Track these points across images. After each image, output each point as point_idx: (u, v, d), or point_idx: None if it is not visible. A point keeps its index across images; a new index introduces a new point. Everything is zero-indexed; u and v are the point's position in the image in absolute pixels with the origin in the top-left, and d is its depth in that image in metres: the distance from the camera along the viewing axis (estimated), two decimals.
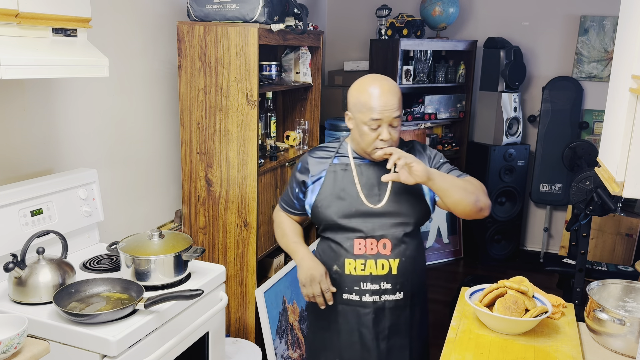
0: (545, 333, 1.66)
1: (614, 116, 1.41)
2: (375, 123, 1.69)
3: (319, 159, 1.87)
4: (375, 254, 1.77)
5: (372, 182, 1.80)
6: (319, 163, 1.87)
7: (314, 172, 1.86)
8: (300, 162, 1.91)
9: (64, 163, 2.25)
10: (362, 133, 1.73)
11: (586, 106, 4.39)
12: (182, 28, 2.61)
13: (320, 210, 1.82)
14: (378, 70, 4.21)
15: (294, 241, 1.91)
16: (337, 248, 1.82)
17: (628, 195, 1.23)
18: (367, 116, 1.69)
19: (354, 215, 1.78)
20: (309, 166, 1.88)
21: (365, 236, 1.78)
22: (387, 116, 1.69)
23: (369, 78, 1.76)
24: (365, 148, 1.76)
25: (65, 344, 1.57)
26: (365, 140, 1.73)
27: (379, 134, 1.71)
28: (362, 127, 1.72)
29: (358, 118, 1.73)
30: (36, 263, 1.71)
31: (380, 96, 1.69)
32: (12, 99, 2.00)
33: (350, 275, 1.79)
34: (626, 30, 1.41)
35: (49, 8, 1.66)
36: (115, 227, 2.49)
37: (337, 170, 1.83)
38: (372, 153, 1.75)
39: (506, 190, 4.41)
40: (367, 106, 1.69)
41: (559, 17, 4.36)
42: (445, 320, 1.80)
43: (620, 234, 3.90)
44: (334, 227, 1.81)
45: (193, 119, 2.69)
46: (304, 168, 1.89)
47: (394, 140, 1.74)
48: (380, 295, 1.78)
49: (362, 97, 1.71)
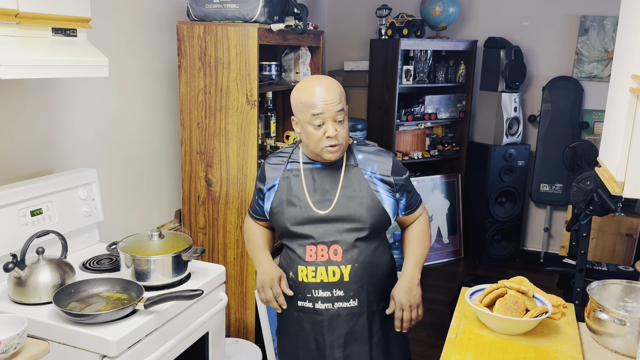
0: (545, 333, 1.66)
1: (614, 116, 1.41)
2: (318, 119, 1.65)
3: (275, 165, 1.85)
4: (325, 260, 1.73)
5: (324, 187, 1.76)
6: (273, 169, 1.84)
7: (269, 179, 1.83)
8: (260, 170, 1.89)
9: (64, 163, 2.25)
10: (308, 134, 1.69)
11: (586, 106, 4.39)
12: (182, 28, 2.61)
13: (275, 217, 1.80)
14: (378, 70, 4.21)
15: (257, 246, 1.89)
16: (292, 255, 1.79)
17: (628, 195, 1.23)
18: (309, 114, 1.66)
19: (305, 221, 1.74)
20: (265, 173, 1.85)
21: (316, 242, 1.73)
22: (329, 110, 1.65)
23: (308, 78, 1.75)
24: (314, 149, 1.71)
25: (65, 344, 1.57)
26: (312, 141, 1.69)
27: (324, 131, 1.67)
28: (307, 127, 1.68)
29: (302, 119, 1.70)
30: (36, 263, 1.71)
31: (319, 92, 1.66)
32: (12, 99, 2.00)
33: (303, 283, 1.75)
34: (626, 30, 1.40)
35: (48, 8, 1.66)
36: (115, 227, 2.49)
37: (290, 177, 1.80)
38: (322, 154, 1.71)
39: (506, 190, 4.41)
40: (307, 104, 1.66)
41: (559, 17, 4.35)
42: (446, 321, 1.80)
43: (621, 234, 3.89)
44: (289, 234, 1.78)
45: (193, 119, 2.69)
46: (261, 175, 1.87)
47: (343, 137, 1.70)
48: (333, 303, 1.74)
49: (302, 97, 1.68)
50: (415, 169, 4.59)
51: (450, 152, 4.54)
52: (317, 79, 1.72)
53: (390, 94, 4.10)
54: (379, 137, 4.21)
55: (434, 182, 4.47)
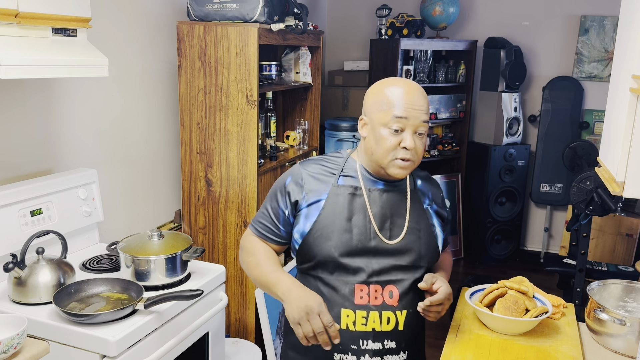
0: (545, 333, 1.66)
1: (615, 116, 1.40)
2: (399, 124, 1.37)
3: (318, 175, 1.49)
4: (380, 304, 1.42)
5: (384, 213, 1.45)
6: (317, 181, 1.48)
7: (310, 192, 1.46)
8: (291, 176, 1.51)
9: (64, 163, 2.25)
10: (379, 138, 1.40)
11: (586, 106, 4.39)
12: (182, 28, 2.61)
13: (315, 242, 1.43)
14: (378, 70, 4.21)
15: (272, 270, 1.47)
16: (330, 294, 1.43)
17: (628, 195, 1.23)
18: (389, 115, 1.38)
19: (359, 252, 1.42)
20: (304, 183, 1.48)
21: (368, 281, 1.42)
22: (415, 117, 1.38)
23: (393, 79, 1.46)
24: (381, 158, 1.41)
25: (65, 344, 1.57)
26: (382, 147, 1.39)
27: (400, 139, 1.38)
28: (381, 130, 1.39)
29: (376, 119, 1.41)
30: (36, 263, 1.71)
31: (407, 93, 1.39)
32: (12, 99, 2.00)
33: (348, 331, 1.41)
34: (626, 30, 1.40)
35: (48, 8, 1.66)
36: (115, 227, 2.49)
37: (343, 194, 1.45)
38: (388, 166, 1.41)
39: (506, 190, 4.41)
40: (389, 103, 1.38)
41: (559, 17, 4.35)
42: (446, 321, 1.79)
43: (621, 234, 3.89)
44: (330, 266, 1.43)
45: (193, 119, 2.69)
46: (296, 184, 1.48)
47: (419, 154, 1.42)
48: (382, 357, 1.43)
49: (384, 95, 1.40)
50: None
51: (450, 152, 4.54)
52: (407, 80, 1.45)
53: None
54: None
55: None
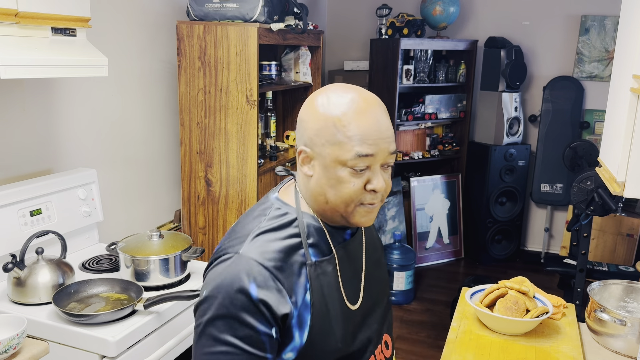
0: (546, 333, 1.66)
1: (615, 116, 1.40)
2: (364, 162, 1.00)
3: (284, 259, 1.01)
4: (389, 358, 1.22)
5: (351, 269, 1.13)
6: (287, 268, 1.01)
7: (292, 289, 1.01)
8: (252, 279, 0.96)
9: (63, 163, 2.24)
10: (336, 181, 1.01)
11: (587, 106, 4.38)
12: (182, 27, 2.61)
13: (316, 347, 1.04)
14: (378, 69, 4.20)
15: None
16: None
17: (629, 196, 1.23)
18: (349, 151, 0.99)
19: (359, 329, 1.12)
20: (279, 280, 0.99)
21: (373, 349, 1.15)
22: (383, 150, 1.01)
23: (339, 89, 1.04)
24: (342, 207, 1.04)
25: (64, 344, 1.57)
26: (343, 194, 1.02)
27: (366, 180, 1.02)
28: (339, 171, 1.01)
29: (329, 157, 1.01)
30: (35, 263, 1.71)
31: (369, 116, 1.01)
32: (12, 99, 2.00)
33: None
34: (627, 30, 1.40)
35: (48, 8, 1.65)
36: (115, 227, 2.49)
37: (325, 271, 1.06)
38: (351, 215, 1.05)
39: (507, 190, 4.41)
40: (347, 133, 0.99)
41: (559, 16, 4.35)
42: (446, 321, 1.79)
43: (621, 234, 3.89)
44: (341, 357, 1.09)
45: (192, 119, 2.68)
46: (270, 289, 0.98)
47: (388, 190, 1.06)
48: None
49: (336, 121, 1.00)
50: (415, 169, 4.58)
51: (450, 152, 4.54)
52: (359, 93, 1.04)
53: (391, 94, 4.09)
54: None
55: (435, 182, 4.47)
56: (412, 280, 3.73)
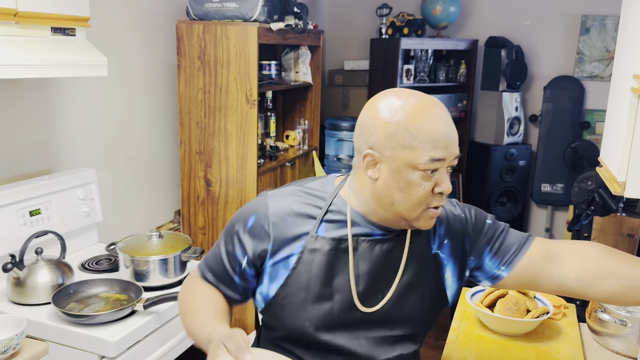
0: (546, 334, 1.66)
1: (616, 116, 1.40)
2: (436, 166, 1.03)
3: (291, 218, 1.11)
4: None
5: (376, 270, 1.11)
6: (289, 226, 1.10)
7: (278, 242, 1.10)
8: (255, 215, 1.12)
9: (63, 163, 2.24)
10: (407, 184, 1.03)
11: (588, 106, 4.38)
12: (181, 27, 2.60)
13: (283, 312, 1.09)
14: (378, 69, 4.20)
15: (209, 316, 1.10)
16: None
17: (630, 196, 1.22)
18: (422, 155, 1.01)
19: (343, 325, 1.10)
20: (271, 229, 1.10)
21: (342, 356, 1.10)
22: (452, 153, 1.05)
23: (404, 93, 1.06)
24: (410, 211, 1.06)
25: (63, 344, 1.57)
26: (413, 197, 1.04)
27: (435, 183, 1.04)
28: (411, 175, 1.03)
29: (400, 160, 1.02)
30: (35, 263, 1.70)
31: (440, 120, 1.03)
32: (11, 98, 2.00)
33: None
34: (627, 30, 1.40)
35: (47, 7, 1.65)
36: (114, 227, 2.49)
37: (323, 248, 1.09)
38: (418, 219, 1.07)
39: (507, 190, 4.40)
40: (421, 138, 1.01)
41: (560, 16, 4.35)
42: (446, 321, 1.78)
43: (622, 235, 3.88)
44: (304, 343, 1.11)
45: (192, 119, 2.68)
46: (261, 229, 1.10)
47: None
48: None
49: (407, 125, 1.02)
50: None
51: None
52: (428, 98, 1.07)
53: None
54: None
55: None
56: None
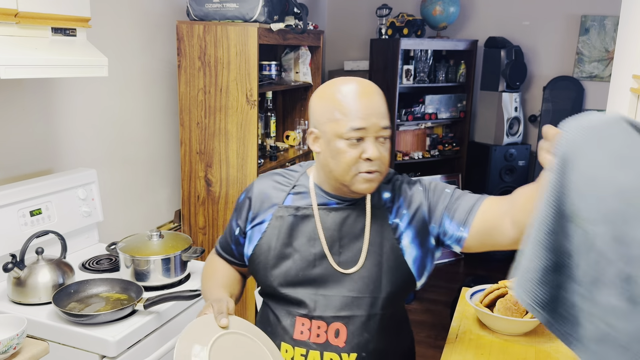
0: (546, 334, 1.66)
1: None
2: (357, 134, 1.19)
3: (268, 192, 1.35)
4: (322, 343, 1.25)
5: (337, 236, 1.28)
6: (266, 199, 1.35)
7: (257, 212, 1.35)
8: (245, 192, 1.41)
9: (63, 163, 2.24)
10: (337, 153, 1.21)
11: (587, 106, 4.38)
12: (182, 27, 2.61)
13: (257, 269, 1.33)
14: (378, 69, 4.21)
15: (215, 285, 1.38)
16: (274, 323, 1.31)
17: None
18: (344, 125, 1.19)
19: (302, 282, 1.27)
20: (253, 201, 1.36)
21: (310, 315, 1.26)
22: (374, 124, 1.19)
23: (341, 79, 1.26)
24: (342, 175, 1.22)
25: (64, 344, 1.57)
26: (342, 163, 1.21)
27: (361, 151, 1.20)
28: (337, 143, 1.20)
29: (330, 132, 1.21)
30: (35, 263, 1.70)
31: (362, 96, 1.20)
32: (12, 98, 2.00)
33: None
34: (627, 30, 1.40)
35: (48, 7, 1.65)
36: (115, 227, 2.49)
37: (287, 215, 1.30)
38: (353, 183, 1.23)
39: (507, 190, 4.41)
40: (342, 111, 1.19)
41: (559, 16, 4.35)
42: (446, 321, 1.79)
43: None
44: (273, 295, 1.32)
45: (192, 119, 2.68)
46: (248, 201, 1.38)
47: (385, 163, 1.24)
48: None
49: (335, 101, 1.21)
50: (415, 169, 4.58)
51: (450, 152, 4.54)
52: (357, 80, 1.24)
53: (391, 94, 4.09)
54: None
55: None
56: None
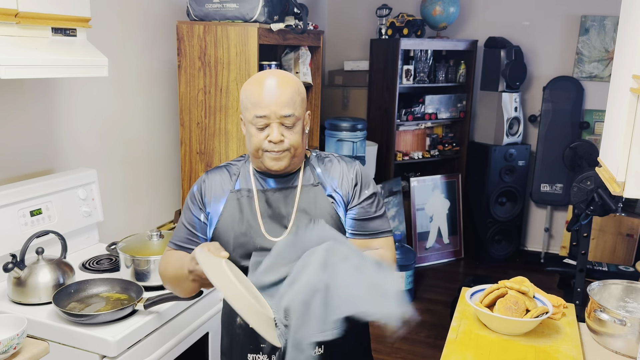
0: (545, 333, 1.66)
1: (615, 116, 1.40)
2: (261, 121, 1.38)
3: (219, 182, 1.51)
4: None
5: (278, 212, 1.45)
6: (218, 188, 1.50)
7: (211, 200, 1.49)
8: (196, 185, 1.53)
9: (64, 163, 2.24)
10: (249, 136, 1.41)
11: (587, 106, 4.38)
12: (182, 28, 2.61)
13: (221, 242, 1.45)
14: (378, 70, 4.20)
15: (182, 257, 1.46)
16: None
17: (629, 196, 1.23)
18: (252, 113, 1.39)
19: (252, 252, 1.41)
20: (206, 192, 1.50)
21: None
22: (274, 112, 1.37)
23: (262, 72, 1.47)
24: (254, 154, 1.43)
25: (64, 344, 1.57)
26: (252, 144, 1.41)
27: (267, 134, 1.39)
28: (249, 128, 1.41)
29: (245, 119, 1.42)
30: (35, 263, 1.71)
31: (267, 89, 1.38)
32: (12, 99, 2.00)
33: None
34: (627, 30, 1.40)
35: (48, 8, 1.66)
36: (115, 227, 2.49)
37: (239, 197, 1.47)
38: (263, 160, 1.42)
39: (507, 190, 4.41)
40: (252, 100, 1.39)
41: (559, 16, 4.35)
42: (446, 321, 1.79)
43: (621, 234, 3.89)
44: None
45: (193, 119, 2.68)
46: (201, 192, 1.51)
47: (292, 145, 1.40)
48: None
49: (248, 92, 1.41)
50: (415, 169, 4.58)
51: (450, 152, 4.54)
52: (271, 73, 1.43)
53: (391, 94, 4.09)
54: (379, 137, 4.21)
55: (434, 182, 4.47)
56: (412, 280, 3.73)
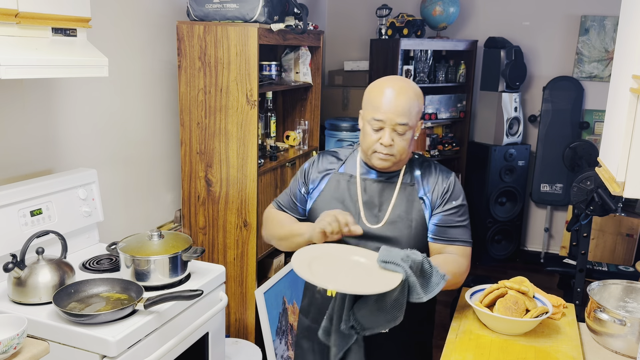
0: (545, 333, 1.66)
1: (615, 116, 1.40)
2: (378, 124, 1.57)
3: (328, 163, 1.75)
4: None
5: (372, 201, 1.65)
6: (325, 168, 1.74)
7: (317, 177, 1.73)
8: (309, 163, 1.79)
9: (64, 163, 2.25)
10: (365, 133, 1.62)
11: (587, 106, 4.39)
12: (182, 28, 2.61)
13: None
14: (378, 70, 4.20)
15: (293, 222, 1.73)
16: None
17: (629, 196, 1.23)
18: (371, 114, 1.57)
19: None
20: (313, 169, 1.76)
21: None
22: (391, 119, 1.55)
23: (389, 77, 1.64)
24: (365, 150, 1.63)
25: (64, 344, 1.57)
26: (365, 141, 1.61)
27: (380, 137, 1.58)
28: (366, 126, 1.61)
29: (365, 116, 1.62)
30: (36, 263, 1.71)
31: (388, 96, 1.56)
32: (12, 99, 2.00)
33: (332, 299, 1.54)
34: (627, 30, 1.40)
35: (48, 8, 1.66)
36: (115, 227, 2.49)
37: (341, 180, 1.69)
38: (371, 158, 1.62)
39: (507, 190, 4.41)
40: (373, 103, 1.58)
41: (559, 17, 4.35)
42: (446, 321, 1.79)
43: (621, 234, 3.89)
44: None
45: (193, 119, 2.69)
46: (311, 170, 1.77)
47: (400, 151, 1.59)
48: None
49: (372, 94, 1.60)
50: None
51: (450, 152, 4.54)
52: (396, 80, 1.61)
53: None
54: None
55: None
56: None
